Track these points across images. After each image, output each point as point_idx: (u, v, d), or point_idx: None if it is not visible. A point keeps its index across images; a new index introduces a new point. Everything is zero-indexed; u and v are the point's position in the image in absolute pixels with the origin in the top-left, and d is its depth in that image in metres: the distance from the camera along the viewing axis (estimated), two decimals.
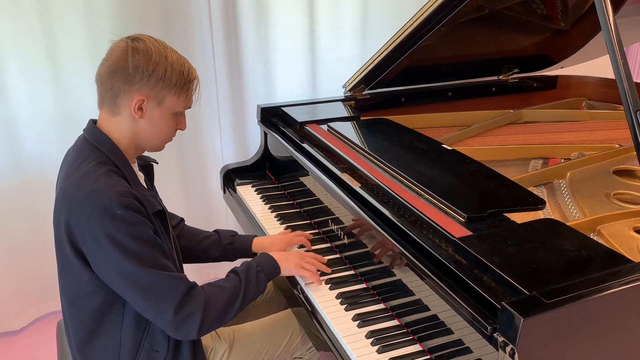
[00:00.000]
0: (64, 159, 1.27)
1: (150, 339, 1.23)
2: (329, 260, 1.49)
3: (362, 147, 1.59)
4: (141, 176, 1.30)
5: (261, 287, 1.30)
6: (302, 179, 1.76)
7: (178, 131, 1.29)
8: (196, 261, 1.54)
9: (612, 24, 1.22)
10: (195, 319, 1.15)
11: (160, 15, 2.21)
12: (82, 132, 1.24)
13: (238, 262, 1.60)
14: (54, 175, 2.15)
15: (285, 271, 1.37)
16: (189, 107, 1.25)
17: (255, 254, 1.54)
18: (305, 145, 1.72)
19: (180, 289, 1.15)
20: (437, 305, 1.11)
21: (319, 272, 1.40)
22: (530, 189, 1.43)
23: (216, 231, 1.57)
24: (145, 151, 1.29)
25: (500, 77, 2.29)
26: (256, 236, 1.58)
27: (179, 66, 1.18)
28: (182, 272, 1.35)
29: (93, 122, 1.24)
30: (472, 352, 1.04)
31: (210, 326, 1.19)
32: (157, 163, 1.41)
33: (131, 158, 1.24)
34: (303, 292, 1.39)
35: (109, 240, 1.09)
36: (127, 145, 1.22)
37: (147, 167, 1.37)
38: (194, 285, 1.19)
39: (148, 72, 1.14)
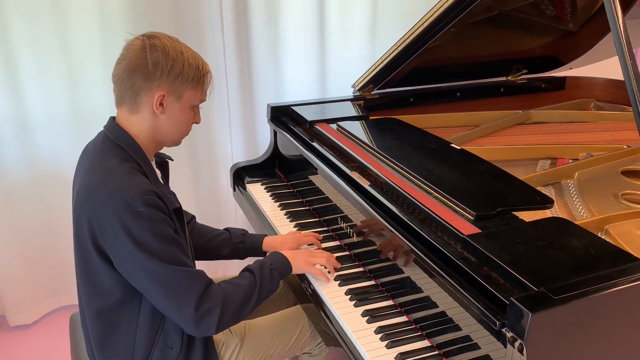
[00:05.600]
0: (83, 154, 1.29)
1: (164, 336, 1.24)
2: (337, 257, 1.50)
3: (371, 145, 1.61)
4: (158, 173, 1.32)
5: (274, 284, 1.32)
6: (311, 177, 1.78)
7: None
8: (206, 258, 1.56)
9: (621, 25, 1.23)
10: (214, 315, 1.17)
11: (172, 15, 2.24)
12: (102, 129, 1.26)
13: (247, 261, 1.62)
14: (67, 171, 2.23)
15: (296, 269, 1.39)
16: (204, 101, 1.28)
17: (265, 253, 1.57)
18: (314, 144, 1.74)
19: (200, 285, 1.17)
20: (446, 301, 1.13)
21: (328, 271, 1.43)
22: (539, 188, 1.44)
23: (227, 229, 1.59)
24: (164, 147, 1.31)
25: (509, 77, 2.30)
26: (266, 235, 1.60)
27: (195, 61, 1.21)
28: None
29: (113, 119, 1.26)
30: (480, 348, 1.05)
31: (227, 322, 1.22)
32: (173, 160, 1.43)
33: (150, 155, 1.27)
34: (312, 288, 1.41)
35: (131, 237, 1.11)
36: (147, 142, 1.24)
37: (163, 164, 1.39)
38: (211, 282, 1.21)
39: (167, 67, 1.17)
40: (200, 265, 1.52)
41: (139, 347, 1.23)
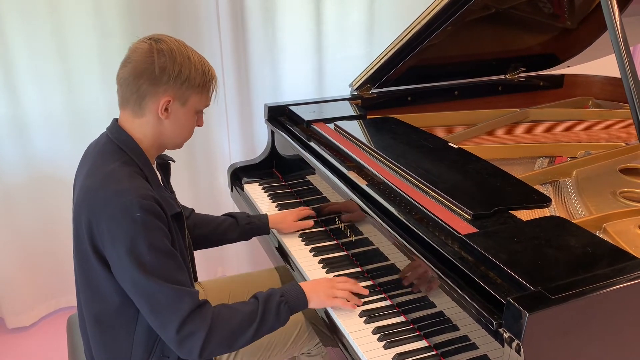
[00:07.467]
0: (85, 156, 1.28)
1: (161, 345, 1.23)
2: (334, 257, 1.50)
3: (369, 145, 1.61)
4: (159, 175, 1.31)
5: (282, 318, 1.23)
6: (308, 177, 1.77)
7: None
8: (213, 245, 1.58)
9: (617, 22, 1.22)
10: (198, 339, 1.11)
11: (169, 15, 2.23)
12: (105, 131, 1.25)
13: (252, 243, 1.72)
14: (64, 173, 2.23)
15: (314, 303, 1.28)
16: (209, 105, 1.27)
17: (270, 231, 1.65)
18: (312, 144, 1.74)
19: (187, 305, 1.11)
20: (443, 301, 1.13)
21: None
22: (537, 187, 1.44)
23: (229, 215, 1.63)
24: (166, 150, 1.30)
25: (507, 76, 2.29)
26: (267, 214, 1.66)
27: (201, 66, 1.19)
28: (196, 274, 1.37)
29: (116, 121, 1.24)
30: (477, 348, 1.05)
31: (215, 349, 1.14)
32: (175, 161, 1.42)
33: (152, 158, 1.25)
34: None
35: (125, 243, 1.09)
36: (150, 145, 1.23)
37: (165, 165, 1.39)
38: (203, 303, 1.15)
39: (174, 73, 1.15)
40: (199, 264, 1.51)
41: (136, 355, 1.22)
